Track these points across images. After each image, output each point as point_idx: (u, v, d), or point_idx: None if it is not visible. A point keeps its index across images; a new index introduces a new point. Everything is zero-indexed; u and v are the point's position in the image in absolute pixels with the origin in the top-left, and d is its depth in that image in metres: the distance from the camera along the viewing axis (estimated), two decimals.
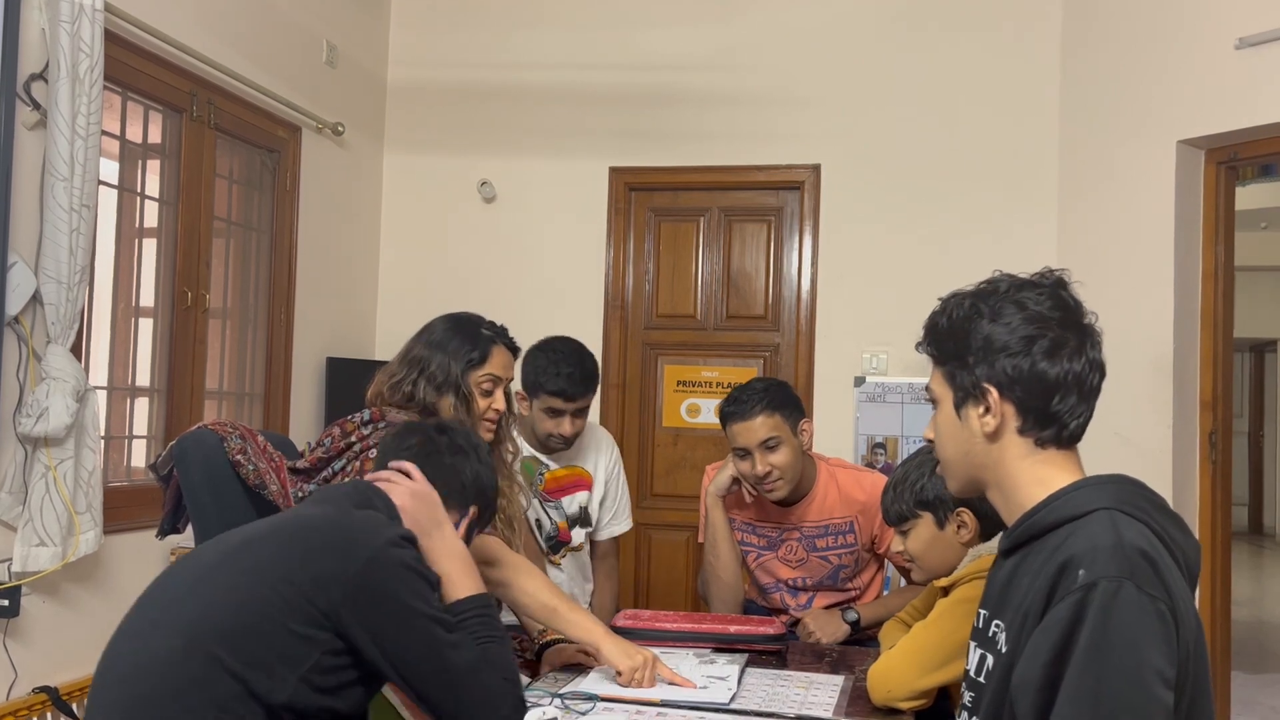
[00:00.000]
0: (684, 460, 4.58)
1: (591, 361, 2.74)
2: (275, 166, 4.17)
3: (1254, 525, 12.06)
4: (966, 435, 1.36)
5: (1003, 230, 4.31)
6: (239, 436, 2.12)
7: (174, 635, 1.45)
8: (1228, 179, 3.90)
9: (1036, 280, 1.36)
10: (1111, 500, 1.25)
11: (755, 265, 4.66)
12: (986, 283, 1.38)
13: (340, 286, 4.59)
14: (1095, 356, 1.34)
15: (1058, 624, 1.15)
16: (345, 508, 1.62)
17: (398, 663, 1.48)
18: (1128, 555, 1.16)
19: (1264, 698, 4.65)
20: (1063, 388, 1.31)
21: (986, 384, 1.32)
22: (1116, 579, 1.14)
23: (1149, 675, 1.11)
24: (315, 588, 1.45)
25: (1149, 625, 1.13)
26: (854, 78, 4.52)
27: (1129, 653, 1.11)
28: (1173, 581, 1.18)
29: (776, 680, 2.02)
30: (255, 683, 1.41)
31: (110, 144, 3.34)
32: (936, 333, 1.40)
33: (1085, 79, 4.22)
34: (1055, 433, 1.32)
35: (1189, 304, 3.88)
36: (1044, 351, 1.30)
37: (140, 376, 3.54)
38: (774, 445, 2.53)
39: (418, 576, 1.53)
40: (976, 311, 1.34)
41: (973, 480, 1.40)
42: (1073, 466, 1.34)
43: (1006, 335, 1.31)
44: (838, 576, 2.70)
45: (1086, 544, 1.19)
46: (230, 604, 1.46)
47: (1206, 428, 3.87)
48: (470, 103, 4.84)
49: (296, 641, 1.44)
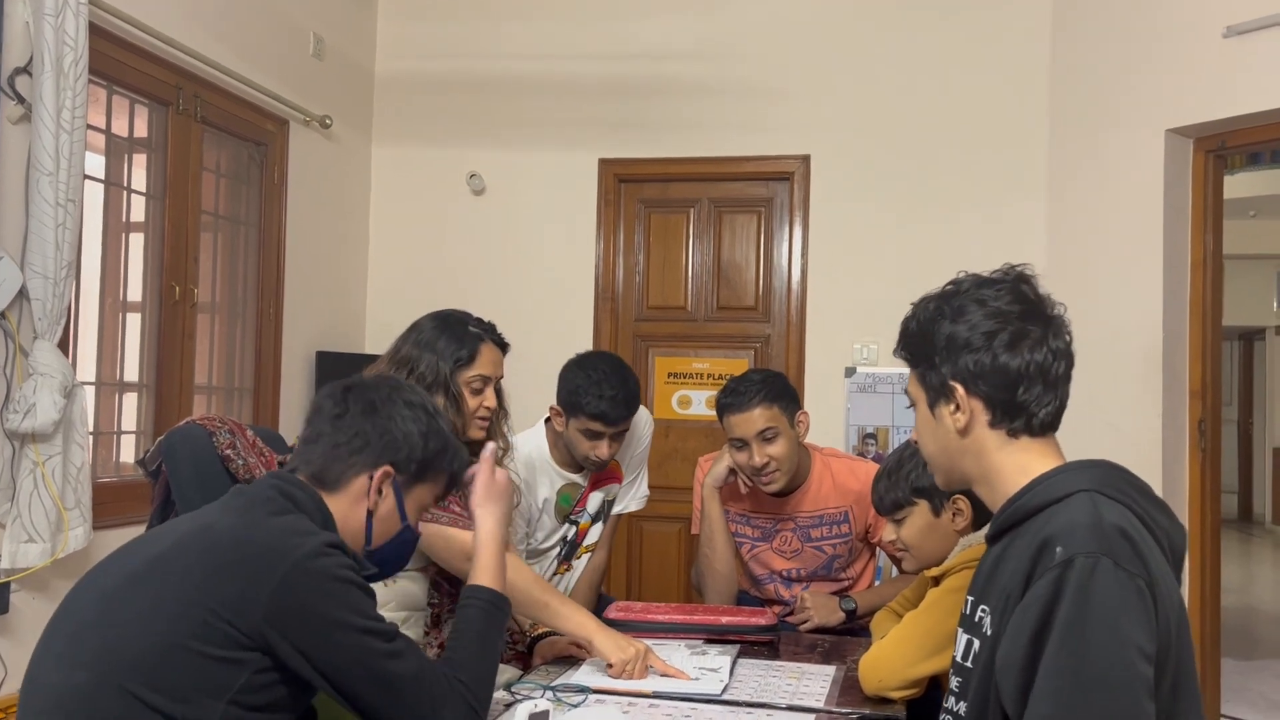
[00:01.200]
0: (676, 452, 4.58)
1: (635, 383, 2.56)
2: (263, 160, 4.16)
3: (1243, 513, 12.12)
4: (943, 433, 1.40)
5: (992, 220, 4.31)
6: (228, 431, 2.11)
7: (80, 669, 1.34)
8: (1216, 167, 3.91)
9: (998, 277, 1.39)
10: (1092, 483, 1.27)
11: (745, 256, 4.66)
12: (951, 283, 1.42)
13: (329, 280, 4.58)
14: (1059, 346, 1.36)
15: (1037, 601, 1.17)
16: (259, 517, 1.45)
17: (332, 678, 1.38)
18: (1105, 532, 1.18)
19: (1253, 684, 4.68)
20: (1026, 379, 1.33)
21: (952, 381, 1.36)
22: (1094, 555, 1.16)
23: (1128, 650, 1.12)
24: (230, 610, 1.33)
25: (1127, 600, 1.14)
26: (843, 68, 4.51)
27: (1107, 627, 1.13)
28: (1152, 560, 1.19)
29: (768, 671, 2.02)
30: (178, 714, 1.31)
31: (96, 138, 3.32)
32: (908, 337, 1.44)
33: (1074, 68, 4.22)
34: (1025, 422, 1.35)
35: (1178, 293, 3.89)
36: (1004, 345, 1.33)
37: (128, 372, 3.53)
38: (771, 436, 2.53)
39: (345, 585, 1.40)
40: (940, 313, 1.38)
41: (958, 475, 1.43)
42: (1052, 453, 1.37)
43: (968, 332, 1.35)
44: (832, 566, 2.70)
45: (1065, 522, 1.21)
46: (138, 632, 1.34)
47: (1196, 416, 3.88)
48: (459, 95, 4.82)
49: (217, 667, 1.33)
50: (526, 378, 3.19)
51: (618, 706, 1.74)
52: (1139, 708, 1.11)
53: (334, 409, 1.58)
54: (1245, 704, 4.33)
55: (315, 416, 1.59)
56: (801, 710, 1.76)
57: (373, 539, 1.57)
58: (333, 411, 1.57)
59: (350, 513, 1.55)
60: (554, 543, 2.72)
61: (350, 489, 1.55)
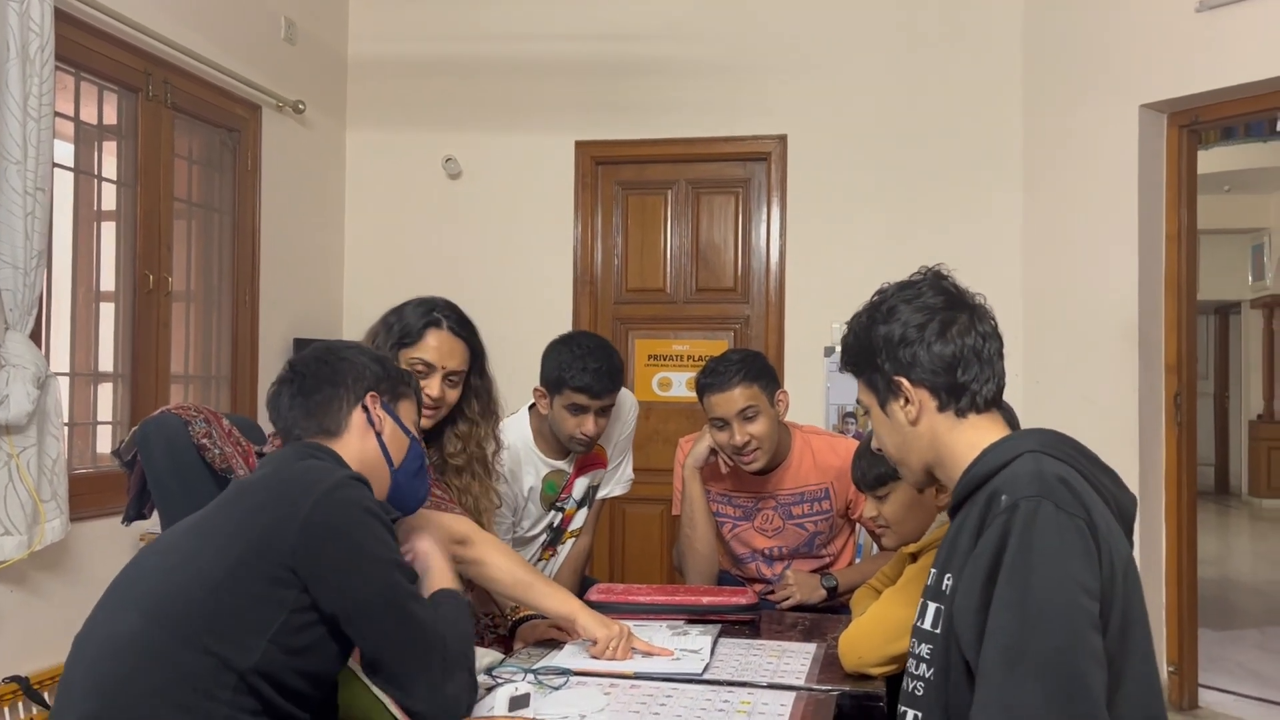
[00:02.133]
0: (656, 434, 4.58)
1: (617, 358, 2.58)
2: (235, 146, 4.12)
3: (1220, 485, 12.24)
4: (898, 427, 1.48)
5: (969, 197, 4.33)
6: (204, 420, 2.09)
7: (135, 613, 1.43)
8: (1190, 142, 3.92)
9: (917, 279, 1.50)
10: (1037, 445, 1.34)
11: (724, 237, 4.65)
12: (876, 294, 1.52)
13: (305, 266, 4.55)
14: (986, 329, 1.45)
15: (988, 548, 1.24)
16: (287, 462, 1.57)
17: (357, 610, 1.44)
18: (1045, 479, 1.26)
19: (1230, 653, 4.74)
20: (962, 360, 1.42)
21: (896, 376, 1.45)
22: (1035, 498, 1.23)
23: (1070, 584, 1.18)
24: (265, 544, 1.42)
25: (1069, 539, 1.21)
26: (818, 48, 4.51)
27: (1051, 563, 1.19)
28: (1094, 507, 1.26)
29: (749, 650, 2.03)
30: (221, 651, 1.38)
31: (64, 125, 3.28)
32: (847, 350, 1.54)
33: (1048, 45, 4.22)
34: (970, 400, 1.43)
35: (1153, 267, 3.91)
36: (935, 333, 1.43)
37: (103, 362, 3.50)
38: (752, 415, 2.54)
39: (371, 516, 1.48)
40: (873, 319, 1.48)
41: (920, 466, 1.49)
42: (999, 426, 1.45)
43: (901, 329, 1.44)
44: (813, 543, 2.71)
45: (1009, 474, 1.30)
46: (187, 575, 1.44)
47: (1172, 390, 3.91)
48: (433, 78, 4.79)
49: (257, 605, 1.41)
50: (506, 362, 3.17)
51: (599, 688, 1.75)
52: (1083, 638, 1.17)
53: (292, 382, 1.68)
54: (1223, 673, 4.38)
55: (278, 399, 1.69)
56: (782, 688, 1.76)
57: (392, 457, 1.69)
58: (292, 385, 1.67)
59: (363, 445, 1.66)
60: (540, 530, 2.72)
61: (352, 426, 1.66)
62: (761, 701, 1.68)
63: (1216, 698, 4.07)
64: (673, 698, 1.71)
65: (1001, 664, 1.17)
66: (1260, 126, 7.52)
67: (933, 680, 1.33)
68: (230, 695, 1.38)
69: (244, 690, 1.39)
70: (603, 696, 1.69)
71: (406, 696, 1.50)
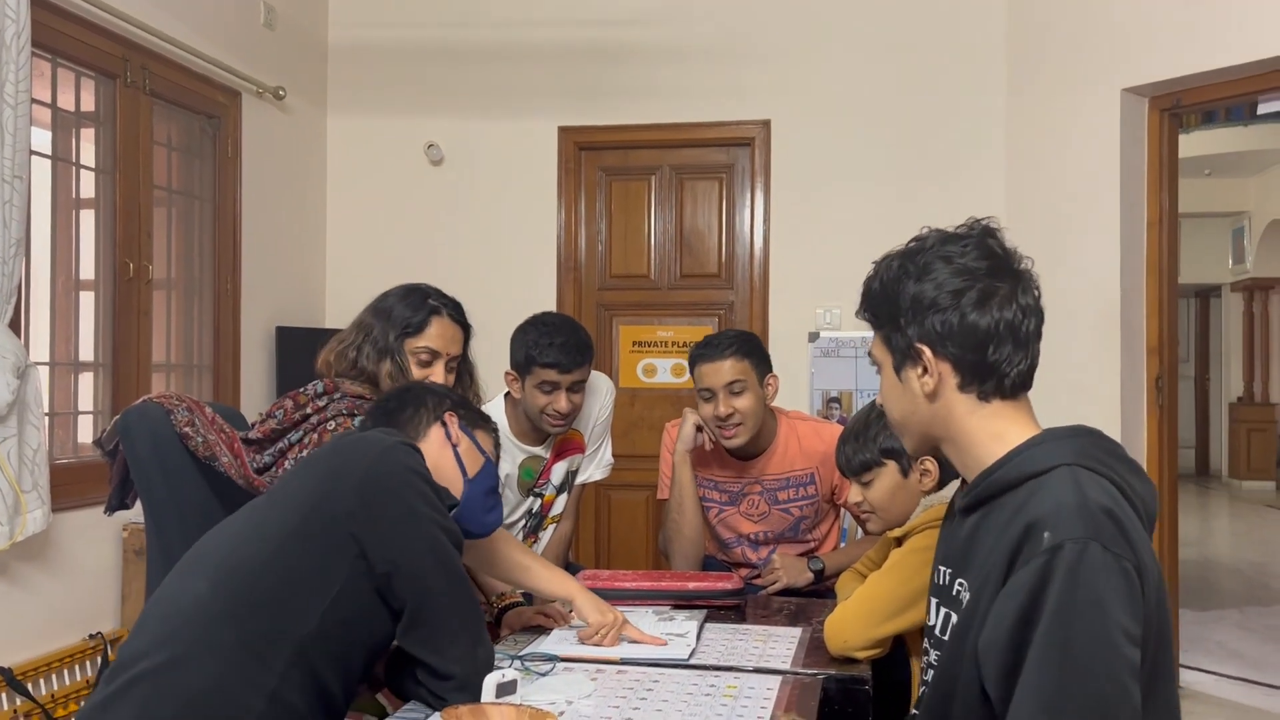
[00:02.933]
0: (641, 420, 4.58)
1: (585, 333, 2.60)
2: (215, 133, 4.08)
3: (1200, 467, 12.35)
4: (910, 397, 1.35)
5: (952, 180, 4.33)
6: (186, 409, 2.08)
7: (201, 578, 1.50)
8: (1171, 126, 3.94)
9: (963, 232, 1.33)
10: (1072, 455, 1.23)
11: (708, 223, 4.65)
12: (914, 240, 1.35)
13: (287, 254, 4.52)
14: (1028, 302, 1.30)
15: (1023, 588, 1.14)
16: (351, 434, 1.69)
17: (407, 564, 1.50)
18: (1093, 515, 1.15)
19: (1210, 634, 4.79)
20: (995, 337, 1.27)
21: (919, 344, 1.30)
22: (1082, 540, 1.13)
23: (1116, 634, 1.11)
24: (326, 506, 1.50)
25: (1115, 584, 1.12)
26: (801, 33, 4.50)
27: (1096, 613, 1.11)
28: (1136, 537, 1.18)
29: (735, 634, 2.03)
30: (281, 616, 1.45)
31: (42, 112, 3.24)
32: (870, 297, 1.37)
33: (1031, 29, 4.23)
34: (996, 384, 1.29)
35: (1134, 251, 3.93)
36: (972, 303, 1.27)
37: (84, 351, 3.47)
38: (739, 390, 2.56)
39: (421, 479, 1.55)
40: (904, 271, 1.32)
41: (926, 438, 1.38)
42: (1025, 418, 1.32)
43: (934, 291, 1.28)
44: (798, 528, 2.72)
45: (1051, 505, 1.18)
46: (252, 544, 1.51)
47: (1153, 372, 3.93)
48: (414, 63, 4.76)
49: (319, 571, 1.47)
50: (489, 350, 3.16)
51: (586, 674, 1.75)
52: (1124, 691, 1.11)
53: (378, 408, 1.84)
54: (1202, 653, 4.43)
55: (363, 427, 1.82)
56: (768, 672, 1.77)
57: (467, 470, 1.78)
58: (377, 410, 1.83)
59: (440, 456, 1.76)
60: (519, 516, 2.72)
61: (430, 437, 1.78)
62: (748, 685, 1.69)
63: (1197, 678, 4.11)
64: (659, 683, 1.71)
65: (1039, 714, 1.10)
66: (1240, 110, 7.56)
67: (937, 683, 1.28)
68: (284, 667, 1.43)
69: (299, 662, 1.45)
70: (589, 682, 1.69)
71: (442, 659, 1.54)
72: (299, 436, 2.09)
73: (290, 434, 2.10)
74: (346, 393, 2.14)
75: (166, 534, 2.07)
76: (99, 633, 3.27)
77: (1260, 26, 3.47)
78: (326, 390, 2.14)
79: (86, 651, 3.22)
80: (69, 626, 3.20)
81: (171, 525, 2.07)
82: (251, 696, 1.41)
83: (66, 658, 3.15)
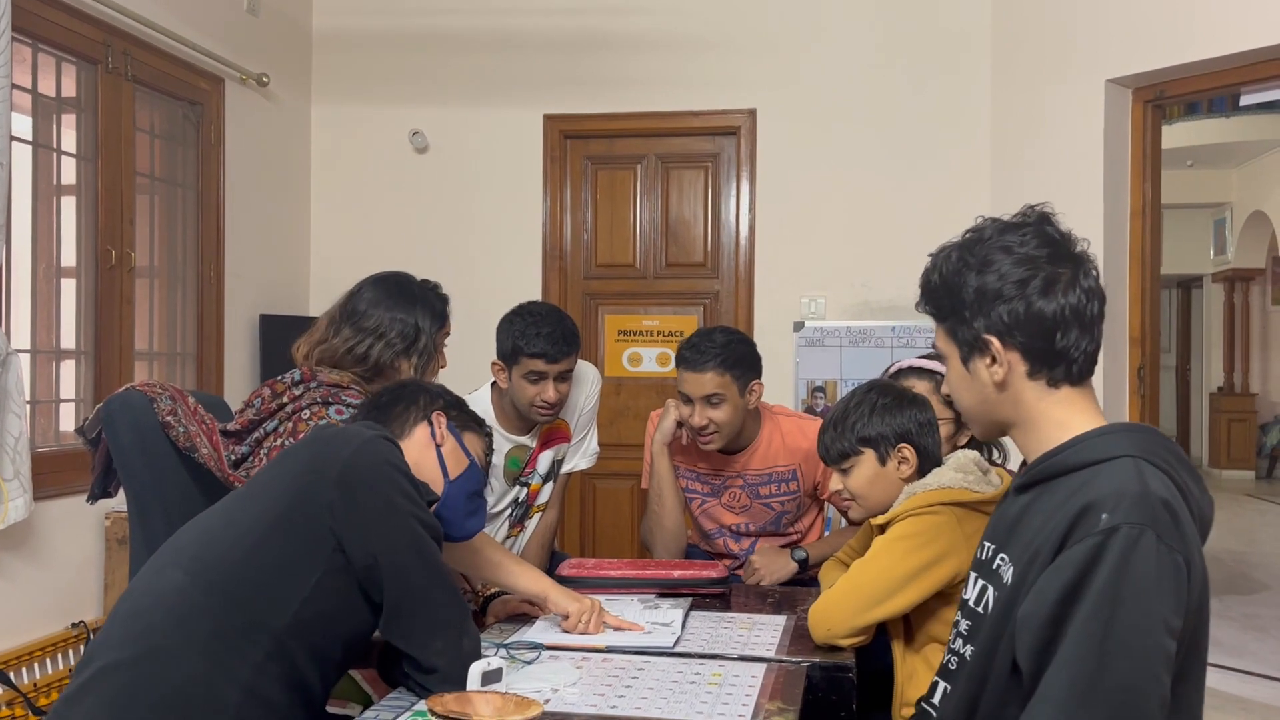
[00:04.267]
0: (627, 409, 4.59)
1: (571, 322, 2.60)
2: (198, 119, 4.05)
3: None
4: (979, 387, 1.36)
5: (937, 171, 4.34)
6: (169, 398, 2.07)
7: (179, 571, 1.49)
8: (1154, 117, 3.96)
9: (1020, 221, 1.35)
10: (1137, 448, 1.24)
11: (693, 212, 4.64)
12: (972, 231, 1.36)
13: (271, 242, 4.50)
14: (1090, 285, 1.33)
15: (1073, 564, 1.15)
16: (330, 428, 1.68)
17: (386, 558, 1.50)
18: (1152, 504, 1.16)
19: None
20: (1063, 323, 1.30)
21: (987, 335, 1.32)
22: (1139, 526, 1.14)
23: (1157, 625, 1.12)
24: (305, 499, 1.49)
25: (1164, 575, 1.13)
26: (787, 21, 4.49)
27: (1141, 600, 1.12)
28: (1190, 535, 1.18)
29: (720, 622, 2.04)
30: (257, 610, 1.44)
31: (22, 98, 3.21)
32: (931, 290, 1.39)
33: (1016, 20, 4.24)
34: (1065, 370, 1.32)
35: (1118, 241, 3.95)
36: (1038, 291, 1.29)
37: (65, 339, 3.45)
38: (717, 402, 2.55)
39: (400, 473, 1.55)
40: (965, 264, 1.33)
41: (996, 425, 1.39)
42: (1092, 408, 1.34)
43: (998, 282, 1.30)
44: (780, 522, 2.73)
45: (1111, 488, 1.19)
46: (229, 536, 1.51)
47: (1135, 362, 3.96)
48: (399, 50, 4.73)
49: (296, 564, 1.47)
50: (475, 338, 3.18)
51: (571, 662, 1.75)
52: (1157, 681, 1.12)
53: (372, 401, 1.83)
54: None
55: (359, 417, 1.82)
56: (753, 660, 1.78)
57: (448, 471, 1.76)
58: (373, 403, 1.82)
59: (422, 455, 1.74)
60: (505, 505, 2.72)
61: (414, 435, 1.77)
62: (732, 673, 1.70)
63: None
64: (645, 670, 1.72)
65: (1069, 693, 1.12)
66: (1223, 102, 7.61)
67: (972, 661, 1.29)
68: (260, 659, 1.43)
69: (275, 655, 1.44)
70: (575, 670, 1.70)
71: (425, 651, 1.54)
72: (274, 425, 2.08)
73: (266, 423, 2.09)
74: (323, 381, 2.13)
75: (149, 523, 2.06)
76: (81, 622, 3.26)
77: (1243, 18, 3.49)
78: (304, 378, 2.13)
79: (69, 640, 3.21)
80: (51, 615, 3.19)
81: (154, 514, 2.06)
82: (228, 689, 1.41)
83: (49, 646, 3.14)
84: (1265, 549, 7.15)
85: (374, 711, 1.53)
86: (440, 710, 1.43)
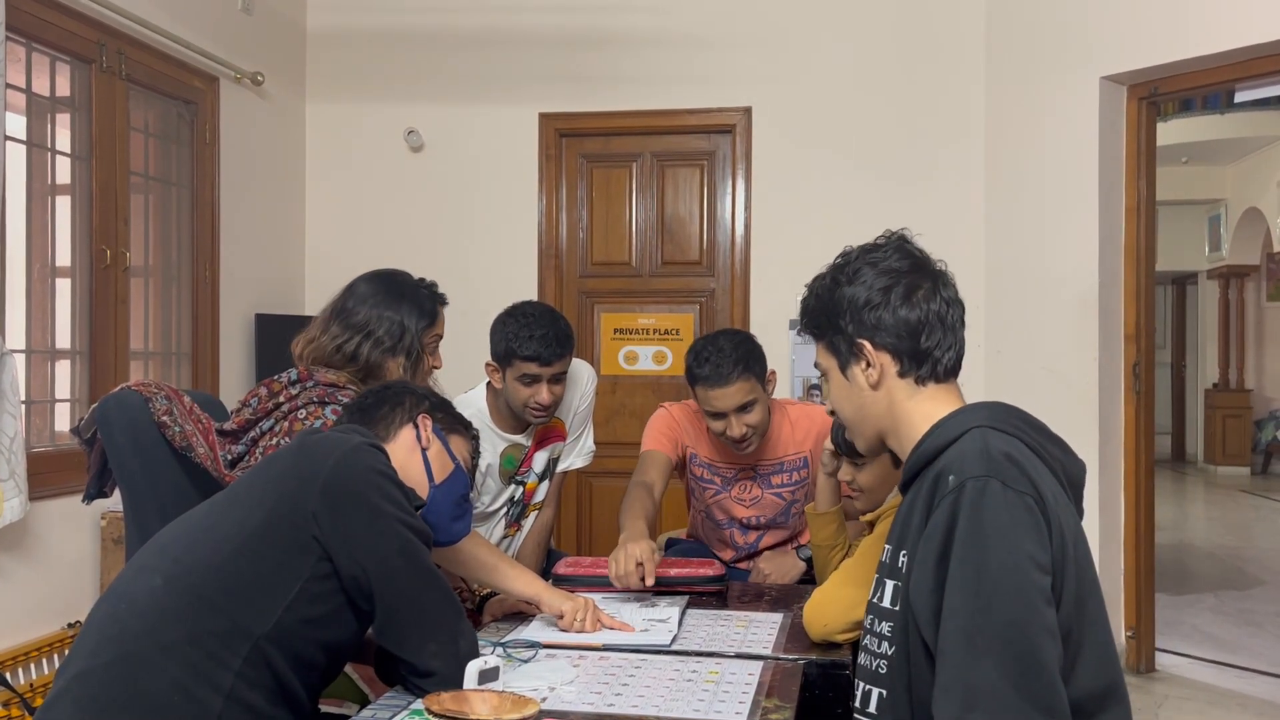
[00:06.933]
0: (622, 407, 4.59)
1: (565, 324, 2.57)
2: (193, 119, 4.05)
3: (1176, 453, 12.45)
4: (857, 392, 1.46)
5: (932, 168, 4.35)
6: (164, 397, 2.07)
7: (157, 575, 1.47)
8: (1149, 114, 3.96)
9: (881, 242, 1.48)
10: (983, 420, 1.34)
11: (689, 210, 4.64)
12: (839, 256, 1.50)
13: (266, 241, 4.49)
14: (950, 295, 1.45)
15: (937, 528, 1.24)
16: (315, 433, 1.66)
17: (375, 567, 1.48)
18: (992, 458, 1.26)
19: (1186, 617, 4.84)
20: (926, 326, 1.41)
21: (860, 339, 1.43)
22: (982, 478, 1.23)
23: (1022, 560, 1.19)
24: (290, 507, 1.48)
25: (1018, 517, 1.21)
26: (782, 19, 4.49)
27: (1002, 540, 1.20)
28: (1043, 481, 1.26)
29: (716, 620, 2.04)
30: (237, 616, 1.42)
31: (16, 98, 3.21)
32: (809, 312, 1.51)
33: (1010, 16, 4.24)
34: (931, 368, 1.42)
35: (1112, 238, 3.96)
36: (901, 298, 1.41)
37: (60, 338, 3.44)
38: (750, 407, 2.55)
39: (386, 479, 1.54)
40: (836, 281, 1.46)
41: (876, 432, 1.48)
42: (954, 400, 1.44)
43: (866, 292, 1.42)
44: (788, 513, 2.75)
45: (956, 454, 1.30)
46: (210, 541, 1.49)
47: (1130, 359, 3.97)
48: (394, 48, 4.73)
49: (278, 570, 1.46)
50: (470, 337, 3.17)
51: (568, 660, 1.75)
52: (1036, 612, 1.17)
53: (357, 403, 1.80)
54: (1179, 637, 4.48)
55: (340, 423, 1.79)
56: (749, 658, 1.78)
57: (434, 475, 1.75)
58: (358, 406, 1.79)
59: (408, 459, 1.73)
60: (500, 504, 2.72)
61: (400, 438, 1.75)
62: (729, 671, 1.70)
63: (1173, 661, 4.16)
64: (641, 668, 1.72)
65: (959, 643, 1.18)
66: (1217, 99, 7.61)
67: (895, 658, 1.33)
68: (240, 665, 1.41)
69: (256, 661, 1.42)
70: (572, 668, 1.70)
71: (420, 656, 1.53)
72: (271, 424, 2.08)
73: (262, 422, 2.09)
74: (320, 380, 2.13)
75: (145, 522, 2.05)
76: (77, 621, 3.25)
77: (1237, 15, 3.49)
78: (300, 378, 2.13)
79: (65, 640, 3.21)
80: (47, 615, 3.18)
81: (150, 514, 2.06)
82: (208, 695, 1.39)
83: (45, 647, 3.13)
84: (1260, 544, 7.16)
85: (370, 710, 1.53)
86: (437, 709, 1.43)
